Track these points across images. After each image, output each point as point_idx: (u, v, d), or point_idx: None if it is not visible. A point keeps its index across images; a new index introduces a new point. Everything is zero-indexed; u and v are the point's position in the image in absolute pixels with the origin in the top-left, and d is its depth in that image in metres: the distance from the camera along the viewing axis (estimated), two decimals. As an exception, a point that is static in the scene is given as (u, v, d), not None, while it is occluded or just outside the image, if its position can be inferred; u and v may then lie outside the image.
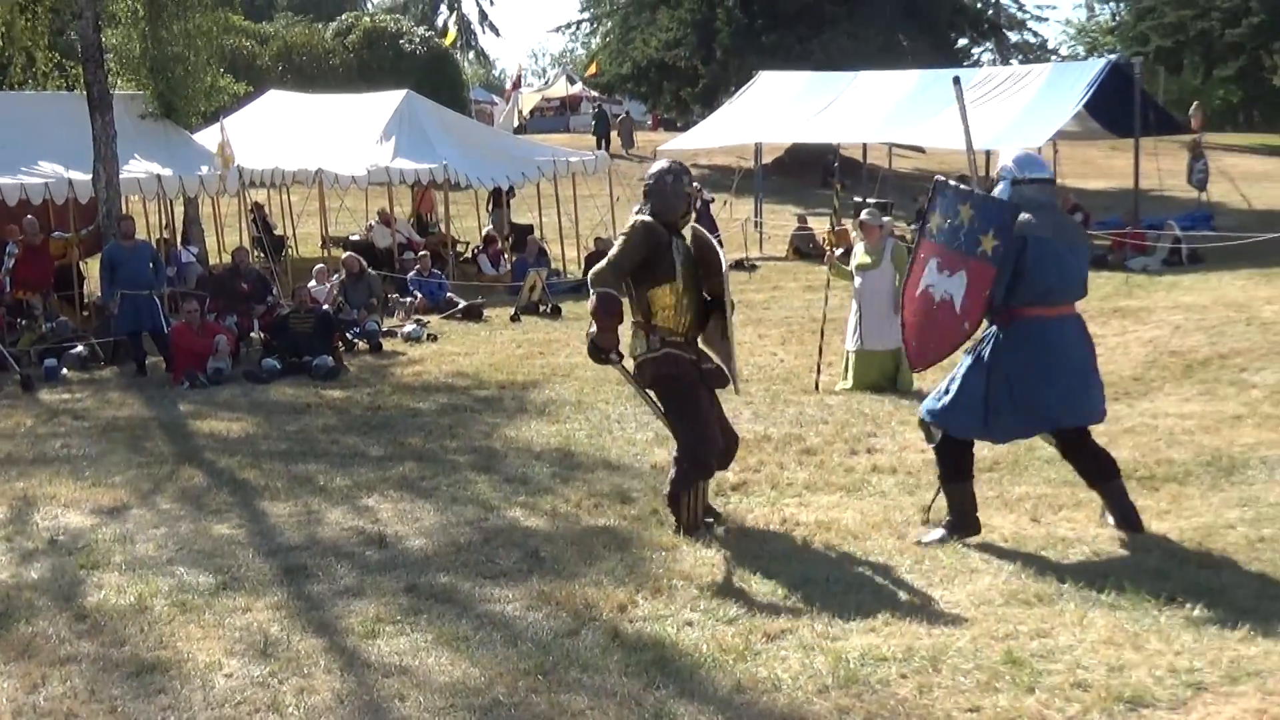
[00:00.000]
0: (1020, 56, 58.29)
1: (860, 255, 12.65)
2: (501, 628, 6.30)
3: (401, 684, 5.63)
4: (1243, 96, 66.74)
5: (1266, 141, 54.30)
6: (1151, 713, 5.08)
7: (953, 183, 7.64)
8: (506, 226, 26.01)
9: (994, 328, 7.25)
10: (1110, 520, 7.48)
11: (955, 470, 7.46)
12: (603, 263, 7.74)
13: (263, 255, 21.23)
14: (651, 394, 8.04)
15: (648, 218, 7.75)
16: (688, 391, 7.85)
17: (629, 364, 7.97)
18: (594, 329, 7.68)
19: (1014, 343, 7.13)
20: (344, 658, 5.99)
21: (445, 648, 6.04)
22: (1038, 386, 7.10)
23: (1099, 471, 7.48)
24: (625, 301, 7.71)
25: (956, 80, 8.42)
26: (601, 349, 7.71)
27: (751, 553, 7.34)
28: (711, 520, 7.93)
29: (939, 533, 7.45)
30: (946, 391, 7.38)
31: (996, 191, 7.37)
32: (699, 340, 8.02)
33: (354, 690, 5.60)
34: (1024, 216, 7.05)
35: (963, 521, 7.41)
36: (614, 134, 45.12)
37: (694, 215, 8.08)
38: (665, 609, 6.48)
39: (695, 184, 8.18)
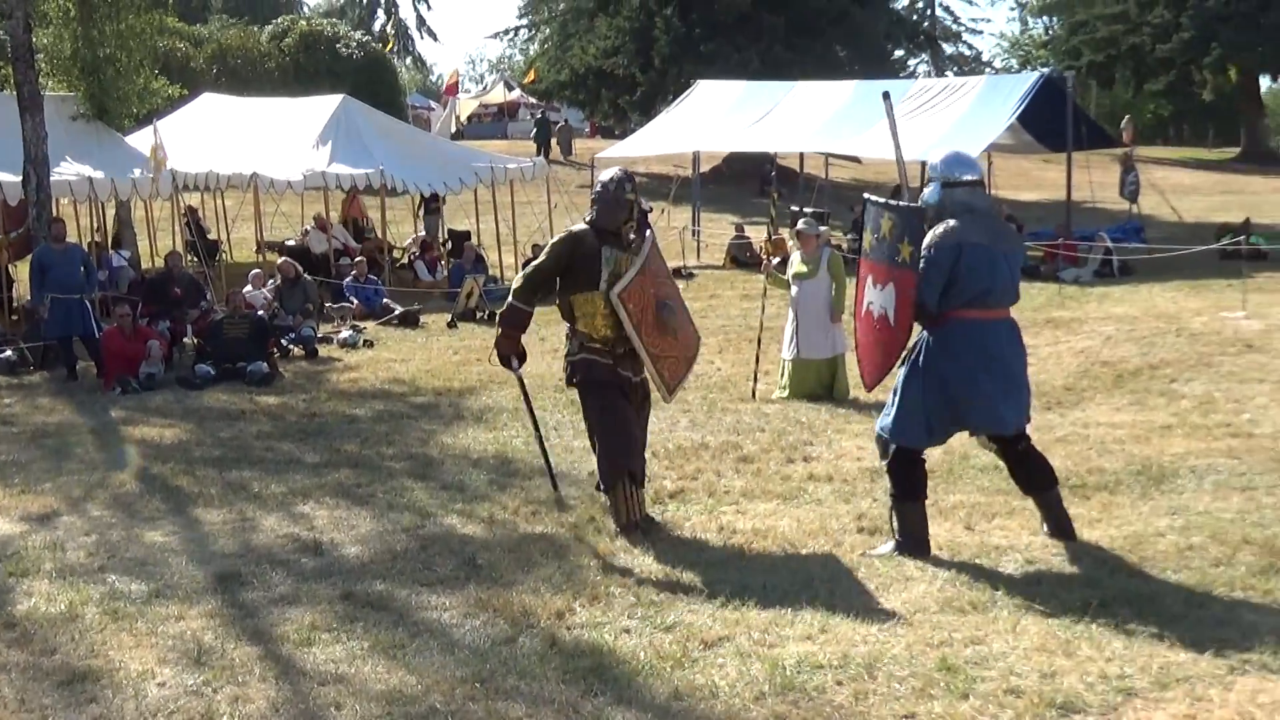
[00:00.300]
0: (955, 69, 58.95)
1: (797, 264, 12.72)
2: (438, 635, 6.28)
3: (337, 692, 5.60)
4: (1172, 111, 67.84)
5: (1195, 155, 55.19)
6: (1083, 719, 5.14)
7: (876, 199, 7.73)
8: (442, 233, 25.90)
9: (924, 334, 7.31)
10: (883, 546, 7.47)
11: (906, 488, 7.43)
12: (520, 275, 8.16)
13: (196, 260, 21.00)
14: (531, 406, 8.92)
15: (580, 227, 8.00)
16: (600, 397, 8.05)
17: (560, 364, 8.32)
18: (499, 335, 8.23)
19: (944, 344, 7.19)
20: (279, 666, 5.94)
21: (381, 655, 6.01)
22: (968, 386, 7.17)
23: (1037, 480, 7.55)
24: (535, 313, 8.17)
25: (886, 95, 8.49)
26: (500, 355, 8.33)
27: (689, 560, 7.36)
28: (641, 522, 7.99)
29: (888, 547, 7.44)
30: (892, 404, 7.41)
31: (926, 193, 7.43)
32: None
33: (289, 698, 5.55)
34: (953, 223, 7.10)
35: (911, 541, 7.38)
36: (553, 141, 45.08)
37: (635, 223, 8.15)
38: (603, 616, 6.48)
39: (633, 192, 8.25)
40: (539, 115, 49.95)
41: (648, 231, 8.36)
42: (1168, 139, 67.14)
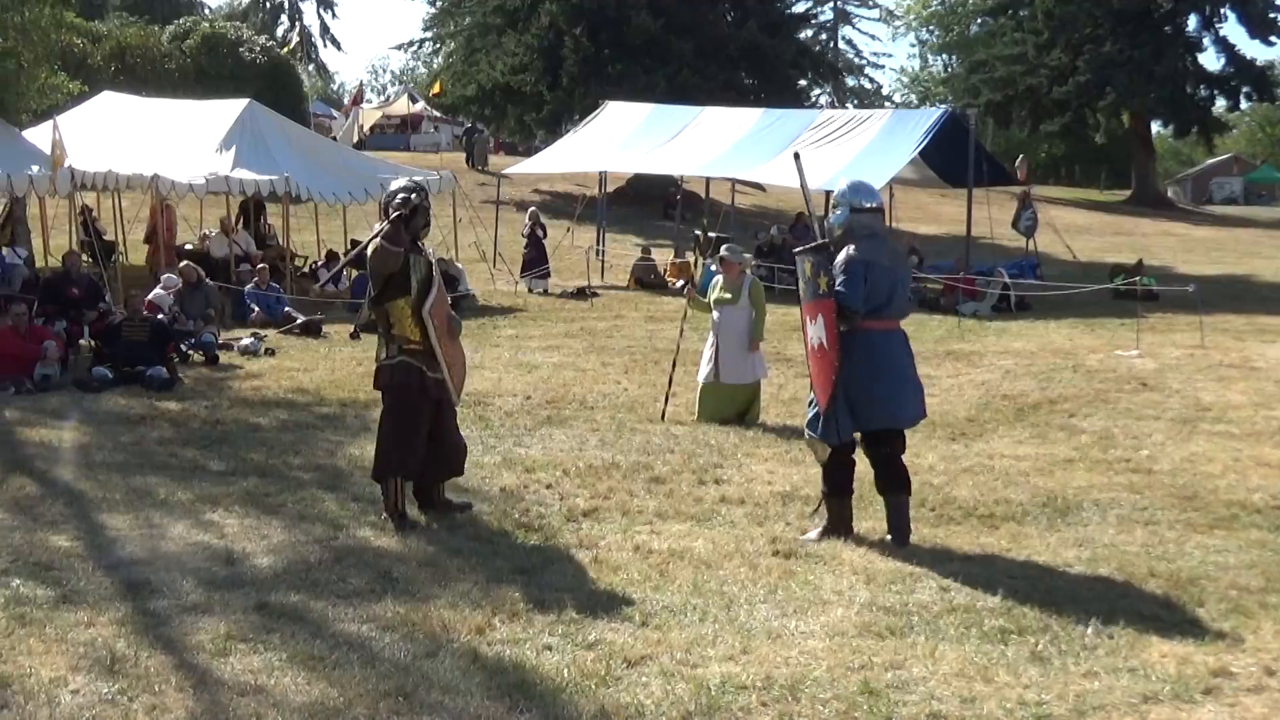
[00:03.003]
0: (855, 100, 59.74)
1: (718, 290, 12.77)
2: (357, 648, 6.21)
3: (258, 703, 5.51)
4: (1066, 152, 69.39)
5: (1088, 196, 56.52)
6: (1005, 744, 5.24)
7: (800, 248, 8.44)
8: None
9: None
10: (814, 531, 8.34)
11: (838, 486, 8.30)
12: (381, 250, 8.27)
13: (91, 260, 20.58)
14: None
15: (381, 241, 8.29)
16: (407, 402, 8.59)
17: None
18: None
19: (848, 352, 7.98)
20: (195, 676, 5.83)
21: (301, 667, 5.93)
22: (869, 387, 8.03)
23: (894, 484, 8.29)
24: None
25: (796, 156, 9.22)
26: None
27: (606, 579, 7.37)
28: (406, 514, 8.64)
29: (815, 533, 8.29)
30: (810, 407, 8.29)
31: (834, 216, 8.26)
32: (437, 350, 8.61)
33: (208, 709, 5.45)
34: (857, 248, 8.02)
35: (839, 528, 8.28)
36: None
37: (429, 230, 8.87)
38: (523, 633, 6.46)
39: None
40: (468, 126, 50.19)
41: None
42: (1059, 179, 68.70)
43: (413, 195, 8.48)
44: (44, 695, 5.56)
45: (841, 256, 8.00)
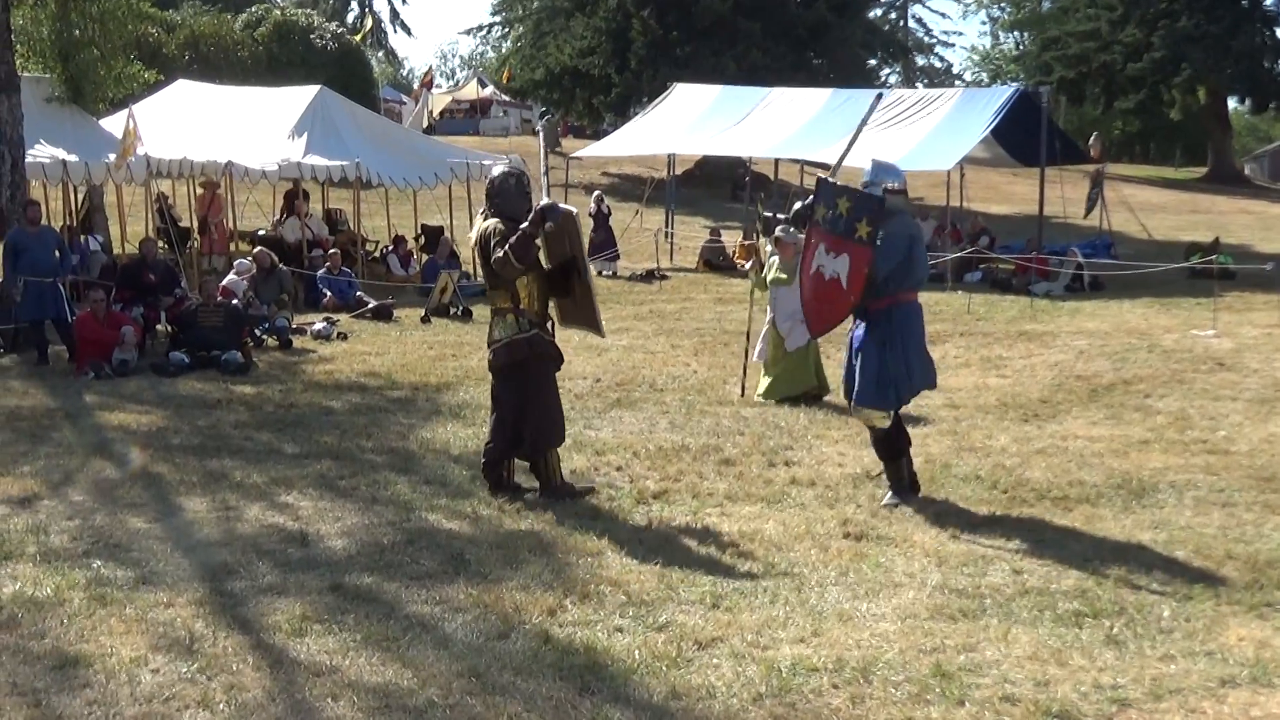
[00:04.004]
0: (925, 80, 59.24)
1: (775, 270, 12.75)
2: (430, 630, 6.27)
3: (332, 683, 5.58)
4: (1140, 129, 68.38)
5: (1162, 174, 55.66)
6: (1079, 727, 5.19)
7: (832, 180, 8.74)
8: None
9: (886, 313, 8.55)
10: (888, 497, 8.74)
11: (896, 449, 8.79)
12: (507, 262, 8.37)
13: (167, 246, 20.86)
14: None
15: (494, 222, 8.59)
16: (546, 371, 8.89)
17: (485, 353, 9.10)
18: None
19: (904, 322, 8.62)
20: (272, 656, 5.91)
21: (375, 648, 6.00)
22: (920, 353, 8.74)
23: (895, 450, 8.81)
24: (489, 290, 8.91)
25: (879, 95, 9.91)
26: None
27: (677, 561, 7.38)
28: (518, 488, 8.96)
29: (890, 498, 8.72)
30: (865, 378, 8.59)
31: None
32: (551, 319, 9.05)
33: (285, 688, 5.53)
34: (907, 220, 8.75)
35: (910, 487, 8.81)
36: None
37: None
38: (594, 615, 6.49)
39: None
40: (544, 110, 50.47)
41: None
42: (1134, 157, 67.72)
43: (512, 180, 8.80)
44: (124, 674, 5.67)
45: (890, 224, 8.44)
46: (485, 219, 8.72)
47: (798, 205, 9.18)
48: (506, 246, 8.33)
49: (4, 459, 9.96)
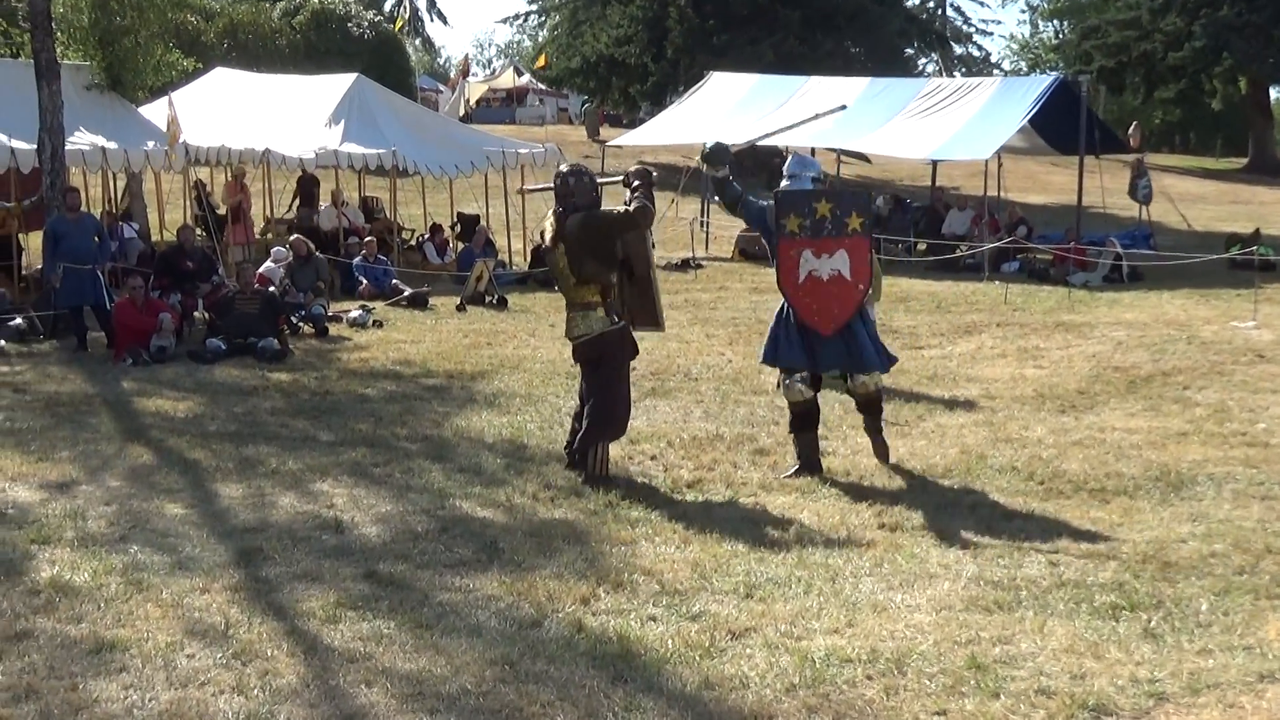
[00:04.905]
0: (963, 69, 58.84)
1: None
2: (463, 617, 6.29)
3: (366, 670, 5.60)
4: (1180, 119, 67.74)
5: (1202, 164, 55.14)
6: (1115, 721, 5.16)
7: (794, 190, 9.32)
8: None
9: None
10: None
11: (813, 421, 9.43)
12: (647, 210, 8.86)
13: (204, 234, 20.95)
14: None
15: (581, 213, 8.85)
16: (627, 361, 9.22)
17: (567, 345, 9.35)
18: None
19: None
20: (306, 642, 5.94)
21: (408, 635, 6.02)
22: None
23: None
24: (573, 282, 8.92)
25: (843, 106, 12.04)
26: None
27: (710, 551, 7.37)
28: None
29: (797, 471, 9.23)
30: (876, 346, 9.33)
31: (797, 184, 9.33)
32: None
33: (319, 674, 5.56)
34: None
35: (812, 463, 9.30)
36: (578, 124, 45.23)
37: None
38: (628, 604, 6.49)
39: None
40: (585, 99, 50.61)
41: None
42: (1174, 147, 67.12)
43: (586, 176, 9.11)
44: (160, 659, 5.71)
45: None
46: (565, 218, 8.87)
47: (710, 145, 9.42)
48: (637, 196, 8.76)
49: (43, 444, 10.04)
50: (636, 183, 8.86)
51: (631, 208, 8.76)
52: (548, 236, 9.04)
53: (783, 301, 9.28)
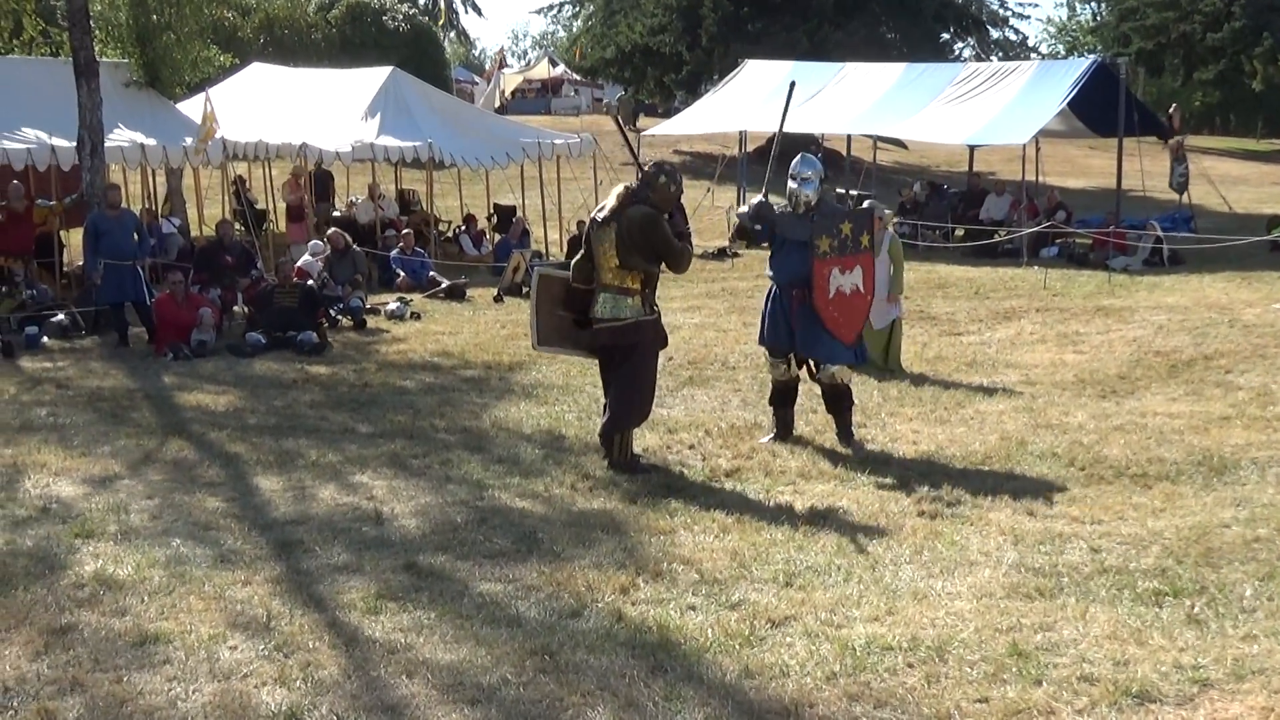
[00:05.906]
0: (1000, 53, 58.38)
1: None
2: (503, 608, 6.30)
3: (407, 660, 5.63)
4: (1220, 100, 67.02)
5: (1244, 146, 54.63)
6: (1159, 708, 5.11)
7: (827, 213, 9.97)
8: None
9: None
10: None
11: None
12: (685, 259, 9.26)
13: (244, 229, 21.08)
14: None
15: (649, 209, 8.93)
16: (657, 352, 9.42)
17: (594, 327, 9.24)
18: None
19: None
20: (347, 634, 5.97)
21: (449, 626, 6.04)
22: None
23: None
24: (615, 264, 8.90)
25: (793, 84, 11.78)
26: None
27: (749, 539, 7.36)
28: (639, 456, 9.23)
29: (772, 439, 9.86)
30: (844, 350, 9.80)
31: (807, 185, 10.00)
32: None
33: (360, 665, 5.59)
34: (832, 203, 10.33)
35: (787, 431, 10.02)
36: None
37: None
38: (667, 593, 6.49)
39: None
40: (623, 90, 50.55)
41: None
42: (1214, 128, 66.46)
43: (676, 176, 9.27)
44: (203, 651, 5.75)
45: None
46: (631, 202, 8.86)
47: (756, 201, 10.32)
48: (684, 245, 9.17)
49: (85, 439, 10.13)
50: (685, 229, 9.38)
51: (680, 251, 9.05)
52: (607, 209, 8.97)
53: (771, 285, 9.93)
